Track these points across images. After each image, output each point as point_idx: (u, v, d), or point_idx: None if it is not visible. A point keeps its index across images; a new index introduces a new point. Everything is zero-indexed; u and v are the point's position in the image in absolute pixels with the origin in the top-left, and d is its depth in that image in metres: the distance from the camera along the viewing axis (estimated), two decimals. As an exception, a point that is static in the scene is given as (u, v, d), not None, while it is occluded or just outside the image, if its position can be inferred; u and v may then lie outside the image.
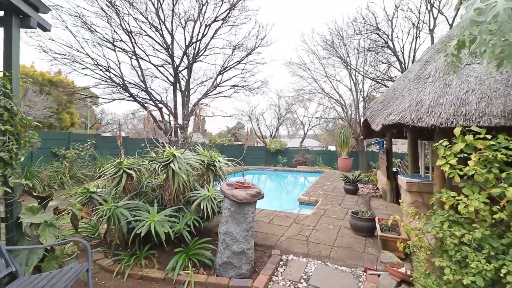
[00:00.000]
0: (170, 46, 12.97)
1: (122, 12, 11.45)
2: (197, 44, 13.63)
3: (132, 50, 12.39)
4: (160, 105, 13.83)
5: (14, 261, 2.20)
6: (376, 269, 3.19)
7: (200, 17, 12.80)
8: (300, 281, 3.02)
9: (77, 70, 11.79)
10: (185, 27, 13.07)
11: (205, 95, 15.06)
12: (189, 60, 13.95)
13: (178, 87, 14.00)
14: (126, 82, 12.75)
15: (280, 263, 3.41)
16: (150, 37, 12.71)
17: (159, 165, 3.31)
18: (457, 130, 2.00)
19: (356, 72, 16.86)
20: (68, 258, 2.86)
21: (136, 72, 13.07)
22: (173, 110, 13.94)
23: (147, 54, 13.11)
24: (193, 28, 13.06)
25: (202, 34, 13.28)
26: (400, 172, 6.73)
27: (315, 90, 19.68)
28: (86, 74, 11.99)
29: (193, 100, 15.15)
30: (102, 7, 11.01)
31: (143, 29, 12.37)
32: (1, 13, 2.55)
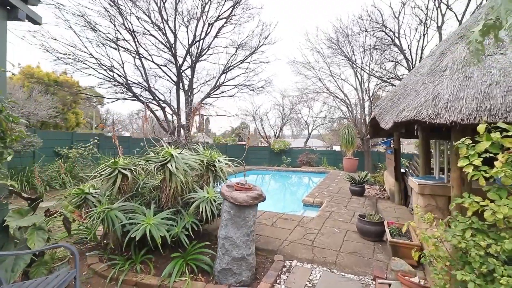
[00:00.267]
0: (173, 45, 12.88)
1: (125, 11, 11.40)
2: (200, 43, 13.52)
3: (135, 50, 12.33)
4: (163, 105, 13.76)
5: (-3, 267, 2.06)
6: (386, 278, 2.97)
7: (203, 16, 12.69)
8: (305, 289, 2.83)
9: (80, 70, 11.80)
10: (188, 26, 12.96)
11: (208, 95, 14.94)
12: (192, 59, 13.85)
13: (181, 87, 13.91)
14: (130, 81, 12.71)
15: (283, 270, 3.22)
16: (153, 36, 12.65)
17: (155, 166, 3.14)
18: (481, 127, 1.78)
19: (361, 70, 16.54)
20: (59, 263, 2.72)
21: (140, 71, 13.03)
22: (176, 110, 13.85)
23: (150, 54, 13.06)
24: (196, 27, 12.96)
25: (205, 32, 13.17)
26: (409, 173, 6.46)
27: (319, 90, 19.40)
28: (89, 74, 11.99)
29: (196, 100, 15.05)
30: (104, 7, 10.97)
31: (146, 28, 12.31)
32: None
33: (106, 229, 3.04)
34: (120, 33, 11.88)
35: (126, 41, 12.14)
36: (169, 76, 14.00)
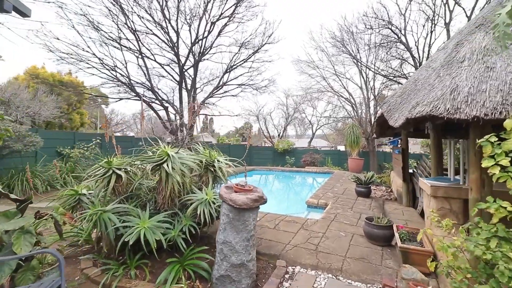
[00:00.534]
0: (176, 44, 12.78)
1: (127, 10, 11.33)
2: (203, 42, 13.39)
3: (138, 49, 12.26)
4: (166, 104, 13.66)
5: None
6: (397, 286, 2.76)
7: (205, 14, 12.55)
8: (308, 299, 2.64)
9: (83, 70, 11.76)
10: (190, 25, 12.85)
11: (211, 94, 14.81)
12: (195, 58, 13.73)
13: (184, 86, 13.80)
14: (133, 81, 12.64)
15: (286, 277, 3.03)
16: (156, 35, 12.56)
17: (150, 166, 2.99)
18: (508, 122, 1.57)
19: (366, 69, 16.22)
20: (49, 268, 2.58)
21: (143, 71, 12.95)
22: (179, 109, 13.74)
23: (152, 53, 12.97)
24: (199, 25, 12.82)
25: (208, 31, 13.03)
26: (417, 173, 6.21)
27: (324, 89, 19.08)
28: (92, 74, 11.94)
29: (199, 100, 14.93)
30: (107, 6, 10.91)
31: (148, 27, 12.23)
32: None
33: (99, 233, 2.89)
34: (123, 33, 11.83)
35: (129, 40, 12.08)
36: (172, 76, 13.90)
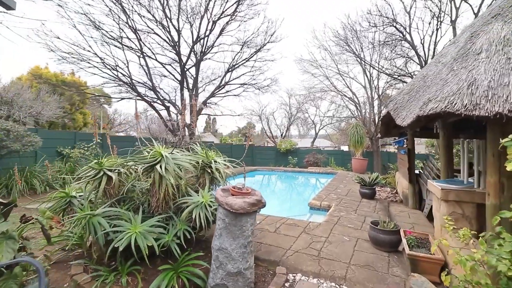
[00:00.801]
0: (177, 43, 12.66)
1: (128, 9, 11.24)
2: (205, 41, 13.25)
3: (139, 48, 12.17)
4: (168, 104, 13.56)
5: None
6: (405, 298, 2.57)
7: (207, 13, 12.41)
8: (310, 310, 2.46)
9: (84, 69, 11.72)
10: (192, 24, 12.72)
11: (213, 94, 14.67)
12: (197, 58, 13.60)
13: (185, 85, 13.68)
14: (134, 81, 12.56)
15: (286, 285, 2.85)
16: (157, 34, 12.46)
17: (142, 167, 2.83)
18: (538, 120, 1.38)
19: (370, 67, 15.94)
20: (33, 276, 2.44)
21: (144, 70, 12.87)
22: (180, 109, 13.62)
23: (154, 53, 12.88)
24: (200, 24, 12.69)
25: (210, 30, 12.89)
26: (424, 175, 5.98)
27: (327, 88, 18.84)
28: (93, 73, 11.90)
29: (201, 99, 14.80)
30: (107, 4, 10.83)
31: (150, 27, 12.13)
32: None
33: (87, 237, 2.74)
34: (124, 32, 11.75)
35: (130, 39, 12.00)
36: (173, 75, 13.79)
